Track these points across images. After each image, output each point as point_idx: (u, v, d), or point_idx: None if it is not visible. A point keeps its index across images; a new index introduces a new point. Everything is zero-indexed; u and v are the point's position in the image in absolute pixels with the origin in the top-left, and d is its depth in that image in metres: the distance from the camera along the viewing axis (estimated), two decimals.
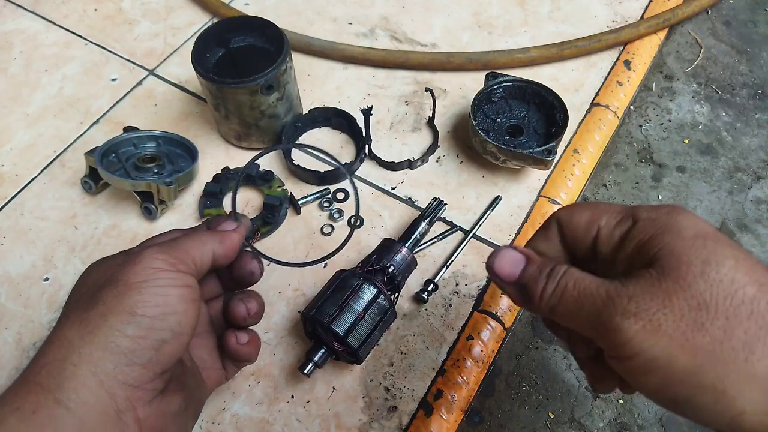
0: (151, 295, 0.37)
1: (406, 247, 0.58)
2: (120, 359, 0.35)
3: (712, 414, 0.29)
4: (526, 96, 0.70)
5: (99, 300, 0.36)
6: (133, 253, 0.40)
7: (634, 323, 0.30)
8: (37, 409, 0.33)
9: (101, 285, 0.37)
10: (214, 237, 0.43)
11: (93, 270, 0.41)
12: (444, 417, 0.55)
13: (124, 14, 0.87)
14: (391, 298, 0.53)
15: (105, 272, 0.39)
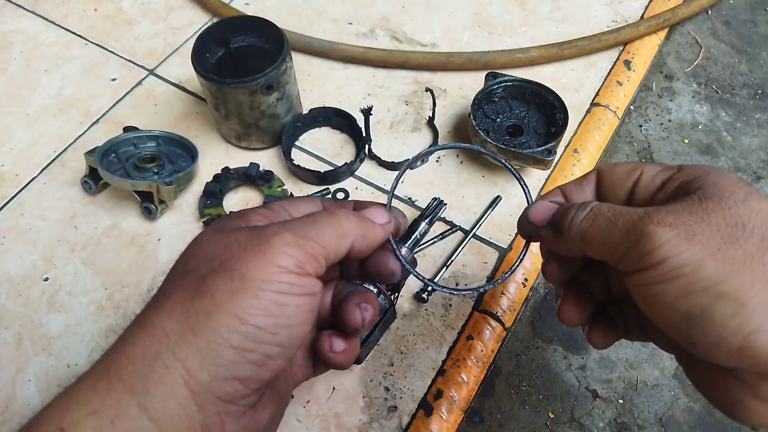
0: (269, 302, 0.31)
1: (406, 247, 0.58)
2: (219, 372, 0.30)
3: (725, 330, 0.28)
4: (526, 96, 0.70)
5: (207, 290, 0.30)
6: (261, 232, 0.32)
7: (669, 230, 0.29)
8: (118, 418, 0.28)
9: (214, 268, 0.31)
10: (358, 227, 0.36)
11: (209, 238, 0.33)
12: (444, 417, 0.55)
13: (124, 14, 0.87)
14: (391, 297, 0.53)
15: (223, 249, 0.32)
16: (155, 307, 0.31)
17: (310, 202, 0.38)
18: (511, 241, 0.65)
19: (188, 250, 0.34)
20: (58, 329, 0.60)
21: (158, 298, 0.32)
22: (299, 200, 0.38)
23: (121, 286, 0.62)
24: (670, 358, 0.65)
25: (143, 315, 0.31)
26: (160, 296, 0.32)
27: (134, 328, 0.31)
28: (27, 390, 0.56)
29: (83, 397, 0.28)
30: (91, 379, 0.29)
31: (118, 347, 0.30)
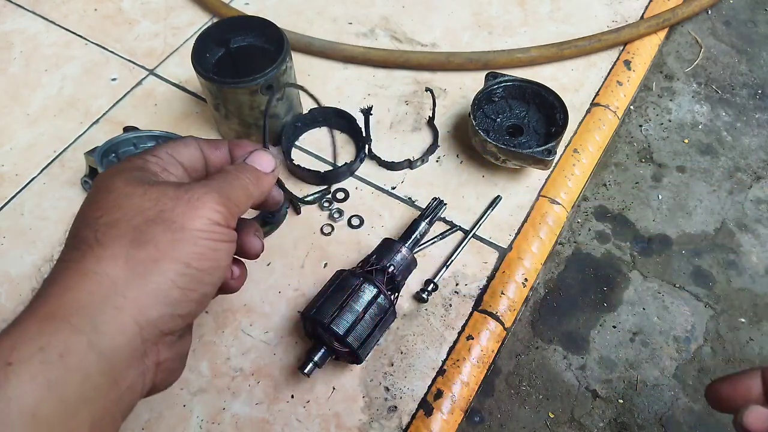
0: (206, 248, 0.35)
1: (406, 247, 0.58)
2: (166, 309, 0.34)
3: None
4: (526, 96, 0.70)
5: (151, 240, 0.34)
6: (190, 190, 0.36)
7: None
8: (66, 352, 0.30)
9: (151, 219, 0.34)
10: (256, 183, 0.40)
11: (130, 190, 0.36)
12: (444, 417, 0.55)
13: (124, 14, 0.87)
14: (391, 297, 0.53)
15: (154, 201, 0.35)
16: (92, 255, 0.33)
17: (190, 146, 0.41)
18: (511, 241, 0.65)
19: (99, 197, 0.36)
20: None
21: (90, 246, 0.33)
22: (179, 145, 0.41)
23: None
24: (670, 358, 0.65)
25: (77, 263, 0.33)
26: (92, 244, 0.34)
27: (72, 276, 0.33)
28: None
29: (29, 337, 0.30)
30: (36, 322, 0.31)
31: (58, 292, 0.32)
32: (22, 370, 0.28)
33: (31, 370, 0.28)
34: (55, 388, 0.29)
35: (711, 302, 0.69)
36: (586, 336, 0.67)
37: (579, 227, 0.74)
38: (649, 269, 0.71)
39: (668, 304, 0.68)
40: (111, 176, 0.37)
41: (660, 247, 0.72)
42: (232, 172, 0.40)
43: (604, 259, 0.72)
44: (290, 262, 0.64)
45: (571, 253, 0.72)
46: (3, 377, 0.28)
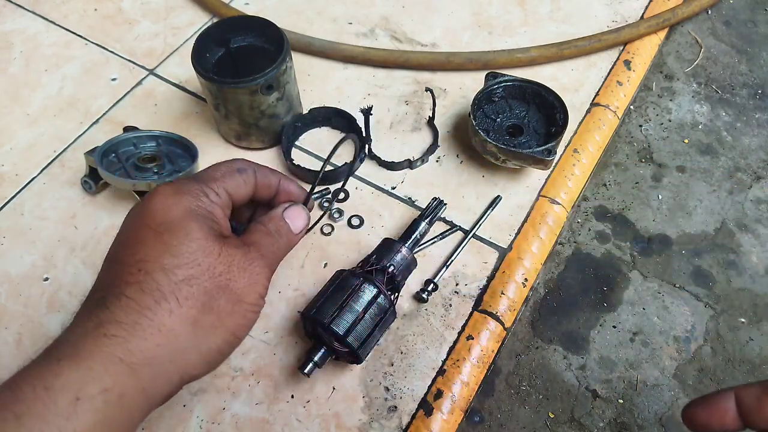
0: (250, 321, 0.40)
1: (406, 247, 0.58)
2: (206, 368, 0.38)
3: None
4: (526, 96, 0.70)
5: (215, 308, 0.37)
6: (251, 260, 0.40)
7: None
8: (124, 395, 0.33)
9: (221, 286, 0.37)
10: (287, 245, 0.45)
11: (207, 244, 0.38)
12: (444, 417, 0.55)
13: (124, 14, 0.87)
14: (391, 297, 0.53)
15: (226, 266, 0.38)
16: (166, 308, 0.35)
17: (249, 183, 0.44)
18: (511, 241, 0.65)
19: (176, 240, 0.37)
20: (58, 329, 0.60)
21: (165, 298, 0.35)
22: (239, 182, 0.44)
23: None
24: (670, 358, 0.65)
25: (152, 313, 0.35)
26: (167, 296, 0.36)
27: (145, 326, 0.34)
28: None
29: (96, 377, 0.32)
30: (103, 363, 0.33)
31: (127, 337, 0.34)
32: (87, 407, 0.31)
33: (94, 407, 0.32)
34: (109, 424, 0.32)
35: (711, 302, 0.69)
36: (586, 336, 0.67)
37: (579, 227, 0.74)
38: (649, 269, 0.71)
39: (668, 304, 0.68)
40: (187, 218, 0.38)
41: (660, 247, 0.72)
42: (274, 235, 0.44)
43: (604, 259, 0.72)
44: (290, 262, 0.64)
45: (571, 253, 0.72)
46: (72, 410, 0.31)
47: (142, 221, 0.38)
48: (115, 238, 0.39)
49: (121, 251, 0.37)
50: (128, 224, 0.39)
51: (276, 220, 0.44)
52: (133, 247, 0.37)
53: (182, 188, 0.39)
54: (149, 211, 0.38)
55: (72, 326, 0.35)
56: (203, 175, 0.43)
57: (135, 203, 0.41)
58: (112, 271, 0.37)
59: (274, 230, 0.44)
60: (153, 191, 0.39)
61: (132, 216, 0.39)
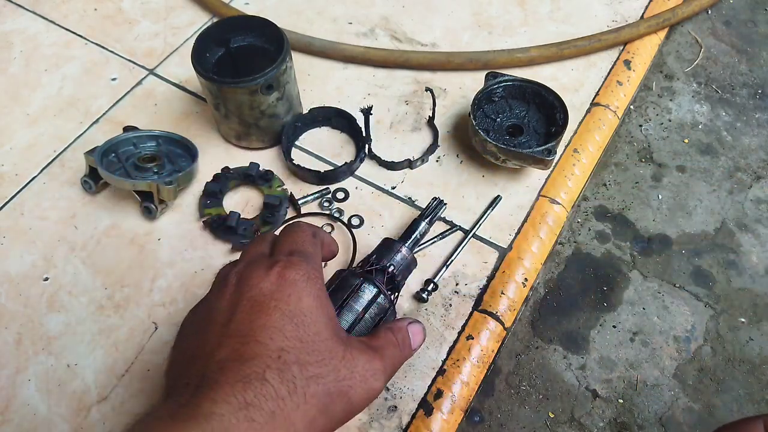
0: None
1: (406, 247, 0.58)
2: None
3: None
4: (526, 96, 0.70)
5: (331, 412, 0.37)
6: (374, 373, 0.40)
7: None
8: None
9: (342, 392, 0.38)
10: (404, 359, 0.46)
11: (335, 335, 0.39)
12: (444, 416, 0.55)
13: (124, 14, 0.87)
14: (391, 297, 0.53)
15: (350, 370, 0.39)
16: (294, 402, 0.35)
17: (319, 246, 0.47)
18: (511, 241, 0.65)
19: (308, 334, 0.38)
20: (58, 329, 0.60)
21: (296, 392, 0.35)
22: (318, 249, 0.46)
23: (121, 286, 0.62)
24: (670, 358, 0.65)
25: (284, 403, 0.34)
26: (292, 391, 0.35)
27: (277, 415, 0.34)
28: (27, 390, 0.56)
29: None
30: None
31: (265, 423, 0.33)
32: None
33: None
34: None
35: (711, 302, 0.69)
36: (586, 336, 0.67)
37: (579, 227, 0.74)
38: (649, 269, 0.71)
39: (668, 304, 0.68)
40: (317, 311, 0.39)
41: (660, 247, 0.72)
42: (400, 346, 0.44)
43: (604, 258, 0.72)
44: None
45: (571, 252, 0.72)
46: None
47: (274, 302, 0.38)
48: (242, 306, 0.39)
49: (258, 331, 0.37)
50: (258, 299, 0.39)
51: (404, 332, 0.45)
52: (269, 330, 0.37)
53: (308, 273, 0.40)
54: (282, 295, 0.38)
55: (207, 388, 0.34)
56: (302, 250, 0.43)
57: (256, 272, 0.40)
58: (250, 347, 0.36)
59: (401, 341, 0.44)
60: (281, 269, 0.40)
61: (262, 290, 0.39)
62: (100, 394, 0.56)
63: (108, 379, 0.57)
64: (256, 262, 0.42)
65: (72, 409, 0.55)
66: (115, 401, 0.56)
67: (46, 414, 0.55)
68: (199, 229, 0.66)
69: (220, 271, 0.45)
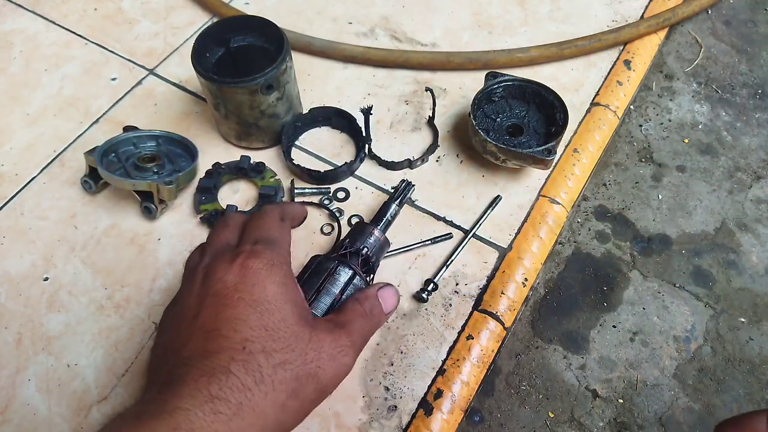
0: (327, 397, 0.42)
1: (379, 229, 0.58)
2: None
3: None
4: (526, 95, 0.70)
5: (302, 394, 0.38)
6: (341, 349, 0.41)
7: None
8: None
9: (311, 373, 0.38)
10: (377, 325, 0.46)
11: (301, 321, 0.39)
12: (444, 416, 0.55)
13: (124, 14, 0.87)
14: (366, 279, 0.53)
15: (317, 351, 0.39)
16: (262, 389, 0.36)
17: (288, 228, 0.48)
18: (511, 241, 0.65)
19: (272, 322, 0.38)
20: (58, 329, 0.60)
21: (262, 380, 0.36)
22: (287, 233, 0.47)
23: (121, 286, 0.62)
24: (669, 358, 0.65)
25: (251, 393, 0.35)
26: (263, 377, 0.36)
27: (244, 405, 0.34)
28: (27, 390, 0.56)
29: None
30: None
31: (232, 415, 0.34)
32: None
33: None
34: None
35: (711, 302, 0.69)
36: (586, 336, 0.67)
37: (579, 227, 0.74)
38: (649, 269, 0.71)
39: (668, 304, 0.68)
40: (281, 298, 0.39)
41: (660, 247, 0.72)
42: (368, 315, 0.44)
43: (604, 258, 0.72)
44: (291, 261, 0.64)
45: (571, 252, 0.72)
46: None
47: (238, 294, 0.38)
48: (208, 301, 0.39)
49: (223, 324, 0.37)
50: (223, 293, 0.39)
51: (371, 299, 0.45)
52: (233, 322, 0.37)
53: (272, 260, 0.40)
54: (246, 285, 0.38)
55: (173, 385, 0.34)
56: (268, 237, 0.43)
57: (220, 266, 0.41)
58: (215, 341, 0.37)
59: (369, 310, 0.44)
60: (244, 259, 0.40)
61: (226, 284, 0.39)
62: (100, 393, 0.56)
63: (108, 378, 0.57)
64: (220, 254, 0.42)
65: (72, 409, 0.55)
66: (116, 401, 0.56)
67: (47, 414, 0.55)
68: (198, 227, 0.66)
69: (187, 261, 0.46)
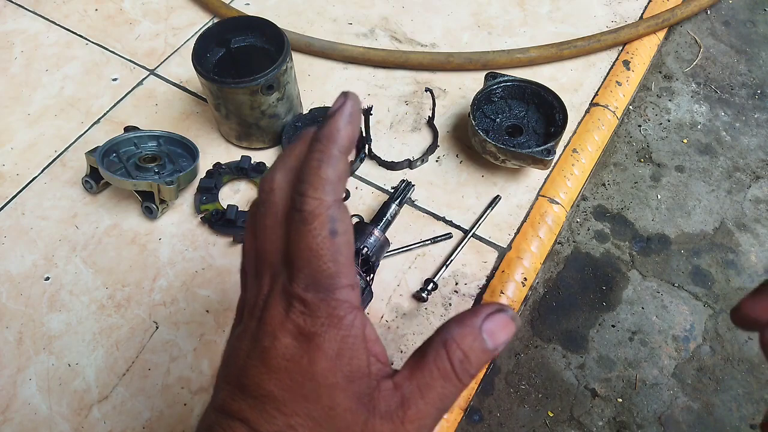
0: None
1: (379, 229, 0.58)
2: None
3: None
4: (525, 96, 0.70)
5: None
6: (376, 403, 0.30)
7: None
8: None
9: None
10: None
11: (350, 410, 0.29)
12: (444, 416, 0.55)
13: (125, 14, 0.88)
14: (366, 278, 0.53)
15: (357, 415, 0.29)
16: None
17: None
18: (510, 241, 0.65)
19: (332, 400, 0.30)
20: (59, 328, 0.60)
21: None
22: None
23: (122, 286, 0.63)
24: (668, 357, 0.65)
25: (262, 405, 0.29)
26: None
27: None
28: (28, 389, 0.57)
29: None
30: None
31: None
32: None
33: None
34: None
35: (710, 301, 0.69)
36: (585, 335, 0.67)
37: (578, 227, 0.74)
38: (648, 269, 0.71)
39: (667, 304, 0.69)
40: (336, 374, 0.30)
41: (659, 247, 0.73)
42: (459, 373, 0.30)
43: (603, 258, 0.72)
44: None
45: (570, 252, 0.72)
46: None
47: (285, 364, 0.30)
48: (254, 361, 0.31)
49: (268, 398, 0.30)
50: (271, 355, 0.30)
51: (469, 340, 0.30)
52: (277, 402, 0.30)
53: (328, 320, 0.29)
54: (295, 356, 0.30)
55: None
56: (318, 278, 0.30)
57: (275, 311, 0.31)
58: (259, 416, 0.30)
59: (459, 365, 0.30)
60: (296, 317, 0.29)
61: (276, 347, 0.30)
62: (101, 393, 0.56)
63: (109, 378, 0.57)
64: (274, 292, 0.32)
65: (73, 408, 0.56)
66: (116, 400, 0.56)
67: (47, 413, 0.55)
68: (198, 227, 0.66)
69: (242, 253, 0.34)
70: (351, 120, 0.31)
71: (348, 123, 0.31)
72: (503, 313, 0.31)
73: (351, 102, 0.32)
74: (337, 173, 0.30)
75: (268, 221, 0.32)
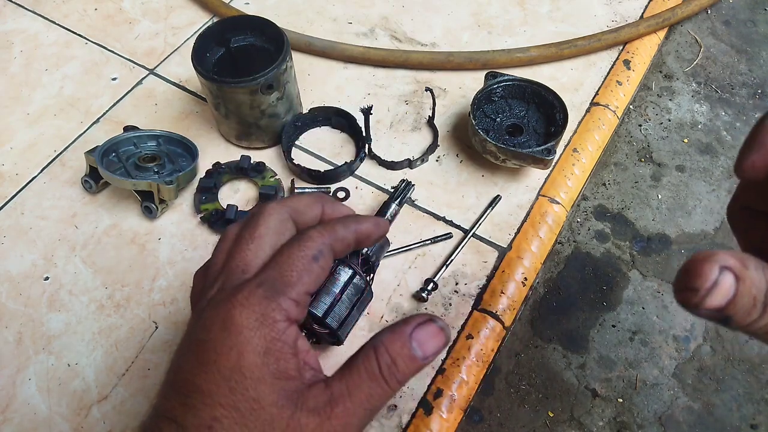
0: None
1: None
2: None
3: None
4: (525, 95, 0.70)
5: None
6: None
7: None
8: None
9: None
10: None
11: (284, 400, 0.31)
12: (444, 416, 0.55)
13: (125, 14, 0.87)
14: (366, 278, 0.53)
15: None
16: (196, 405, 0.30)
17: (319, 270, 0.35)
18: (510, 241, 0.65)
19: (250, 407, 0.31)
20: (59, 328, 0.60)
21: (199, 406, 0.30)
22: (314, 274, 0.35)
23: (121, 286, 0.62)
24: (669, 357, 0.65)
25: (190, 400, 0.30)
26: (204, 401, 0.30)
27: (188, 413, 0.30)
28: (27, 389, 0.56)
29: None
30: None
31: None
32: None
33: None
34: None
35: None
36: (585, 335, 0.67)
37: (578, 226, 0.74)
38: (649, 268, 0.71)
39: (667, 303, 0.68)
40: (261, 370, 0.31)
41: (659, 247, 0.72)
42: (386, 377, 0.32)
43: (604, 258, 0.72)
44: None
45: (571, 252, 0.72)
46: None
47: (215, 357, 0.30)
48: (189, 356, 0.32)
49: (195, 393, 0.30)
50: (203, 348, 0.31)
51: (397, 346, 0.32)
52: (204, 396, 0.30)
53: (263, 316, 0.31)
54: (225, 348, 0.30)
55: None
56: (276, 275, 0.33)
57: (211, 308, 0.32)
58: (187, 411, 0.31)
59: (386, 368, 0.31)
60: (231, 307, 0.31)
61: (206, 338, 0.31)
62: (100, 393, 0.56)
63: (108, 378, 0.57)
64: (230, 282, 0.34)
65: (72, 409, 0.55)
66: (116, 400, 0.56)
67: (47, 413, 0.55)
68: (198, 227, 0.66)
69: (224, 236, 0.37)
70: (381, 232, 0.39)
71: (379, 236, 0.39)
72: (433, 323, 0.33)
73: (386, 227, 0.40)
74: (346, 240, 0.36)
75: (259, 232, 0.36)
